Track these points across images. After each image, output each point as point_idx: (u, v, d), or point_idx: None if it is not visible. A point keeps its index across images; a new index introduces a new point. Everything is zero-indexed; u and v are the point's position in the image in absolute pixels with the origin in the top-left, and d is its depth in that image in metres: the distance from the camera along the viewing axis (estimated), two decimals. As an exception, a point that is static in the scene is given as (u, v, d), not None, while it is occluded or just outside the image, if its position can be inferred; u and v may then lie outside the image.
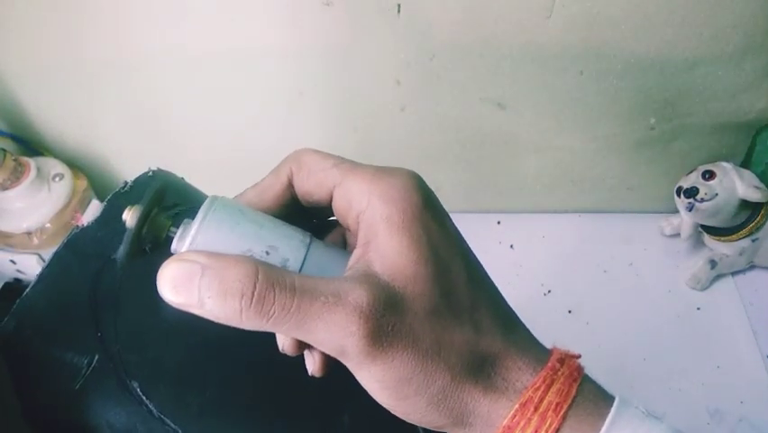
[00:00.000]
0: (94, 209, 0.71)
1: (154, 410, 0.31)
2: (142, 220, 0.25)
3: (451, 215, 0.27)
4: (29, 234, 0.65)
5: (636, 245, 0.75)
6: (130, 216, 0.25)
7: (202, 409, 0.32)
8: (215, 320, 0.23)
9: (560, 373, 0.24)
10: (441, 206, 0.26)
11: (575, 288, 0.72)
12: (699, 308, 0.69)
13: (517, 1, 0.56)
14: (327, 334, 0.22)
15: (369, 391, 0.24)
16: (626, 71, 0.61)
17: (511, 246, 0.76)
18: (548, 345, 0.27)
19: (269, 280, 0.23)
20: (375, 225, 0.24)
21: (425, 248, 0.24)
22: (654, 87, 0.63)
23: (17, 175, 0.64)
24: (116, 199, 0.35)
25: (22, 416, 0.31)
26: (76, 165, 0.73)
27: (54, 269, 0.33)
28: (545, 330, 0.68)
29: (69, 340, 0.31)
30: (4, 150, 0.63)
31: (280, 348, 0.27)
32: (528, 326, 0.28)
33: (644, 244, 0.75)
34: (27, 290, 0.34)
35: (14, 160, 0.64)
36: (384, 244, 0.24)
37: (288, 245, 0.25)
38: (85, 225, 0.34)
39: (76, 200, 0.68)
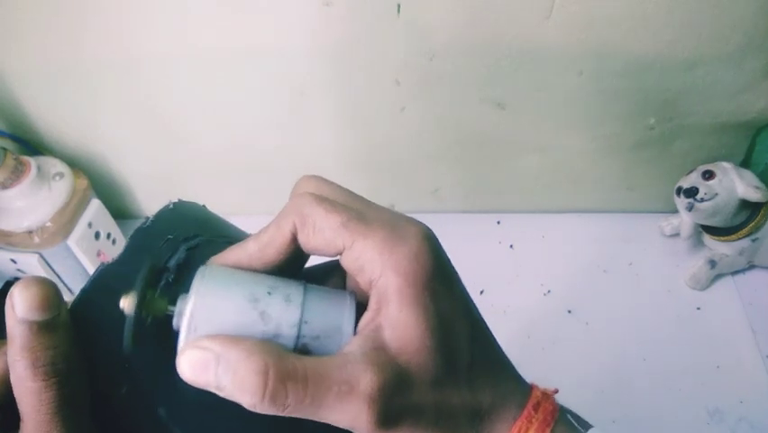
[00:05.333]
0: (94, 209, 0.71)
1: None
2: (140, 307, 0.26)
3: (451, 215, 0.27)
4: (29, 232, 0.65)
5: (636, 245, 0.75)
6: (127, 305, 0.26)
7: None
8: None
9: (534, 419, 0.27)
10: (450, 267, 0.28)
11: (575, 288, 0.72)
12: (699, 308, 0.69)
13: (517, 1, 0.56)
14: (340, 418, 0.24)
15: None
16: (625, 71, 0.61)
17: (511, 246, 0.76)
18: (547, 345, 0.28)
19: (281, 376, 0.24)
20: (387, 296, 0.25)
21: (432, 319, 0.25)
22: (654, 87, 0.63)
23: (18, 174, 0.64)
24: (138, 234, 0.36)
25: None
26: (76, 165, 0.73)
27: (81, 305, 0.33)
28: (545, 330, 0.68)
29: (101, 372, 0.33)
30: (4, 148, 0.63)
31: None
32: (528, 326, 0.28)
33: (644, 244, 0.75)
34: None
35: (15, 158, 0.64)
36: (394, 316, 0.25)
37: (286, 284, 0.27)
38: (109, 261, 0.34)
39: (76, 199, 0.68)
